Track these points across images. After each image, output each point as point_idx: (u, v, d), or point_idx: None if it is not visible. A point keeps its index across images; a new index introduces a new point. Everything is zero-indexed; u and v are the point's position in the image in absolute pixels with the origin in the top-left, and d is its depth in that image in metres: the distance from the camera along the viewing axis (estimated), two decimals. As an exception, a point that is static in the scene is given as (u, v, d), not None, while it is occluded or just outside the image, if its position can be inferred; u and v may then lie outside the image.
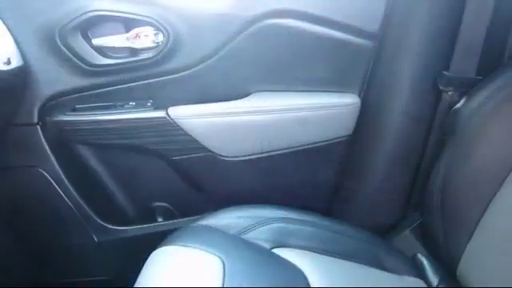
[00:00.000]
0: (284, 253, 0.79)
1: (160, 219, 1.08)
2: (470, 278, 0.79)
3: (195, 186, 1.06)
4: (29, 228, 1.03)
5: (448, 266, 0.84)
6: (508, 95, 0.80)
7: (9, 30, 0.88)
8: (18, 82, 0.90)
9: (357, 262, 0.82)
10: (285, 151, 1.01)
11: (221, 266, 0.71)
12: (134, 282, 0.72)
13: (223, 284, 0.67)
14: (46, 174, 0.99)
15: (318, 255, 0.81)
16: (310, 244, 0.83)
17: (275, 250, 0.80)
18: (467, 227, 0.80)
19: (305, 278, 0.74)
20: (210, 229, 0.83)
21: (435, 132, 0.94)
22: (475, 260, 0.79)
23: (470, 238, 0.79)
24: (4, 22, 0.88)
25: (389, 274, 0.83)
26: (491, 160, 0.79)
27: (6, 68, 0.84)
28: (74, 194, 1.01)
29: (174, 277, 0.69)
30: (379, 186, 1.01)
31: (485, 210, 0.78)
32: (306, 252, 0.81)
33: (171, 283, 0.68)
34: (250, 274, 0.72)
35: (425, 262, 0.87)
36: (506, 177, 0.76)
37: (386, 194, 1.01)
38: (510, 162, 0.76)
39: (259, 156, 1.01)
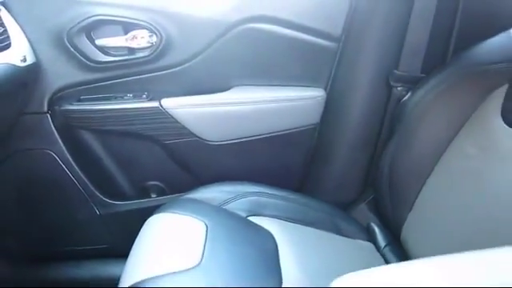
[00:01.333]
0: (257, 220, 0.95)
1: (153, 195, 1.23)
2: (410, 241, 0.96)
3: (184, 167, 1.20)
4: (40, 202, 1.17)
5: (394, 232, 1.01)
6: (444, 89, 0.96)
7: (24, 32, 1.02)
8: (31, 76, 1.04)
9: (318, 229, 0.99)
10: (261, 137, 1.15)
11: (204, 228, 0.87)
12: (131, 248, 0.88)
13: (205, 242, 0.83)
14: (55, 156, 1.13)
15: (286, 222, 0.97)
16: (280, 214, 0.99)
17: (250, 218, 0.96)
18: (408, 200, 0.97)
19: (274, 240, 0.90)
20: (196, 200, 0.98)
21: (387, 121, 1.09)
22: (414, 227, 0.96)
23: (410, 209, 0.96)
24: (20, 26, 1.02)
25: (344, 238, 1.00)
26: (428, 144, 0.95)
27: (22, 65, 0.98)
28: (79, 173, 1.15)
29: (165, 236, 0.85)
30: (342, 167, 1.16)
31: (422, 186, 0.96)
32: (276, 220, 0.97)
33: (163, 242, 0.84)
34: (228, 236, 0.88)
35: (376, 229, 1.04)
36: (440, 158, 0.94)
37: (347, 173, 1.17)
38: (443, 145, 0.93)
39: (239, 141, 1.15)
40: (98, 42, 1.07)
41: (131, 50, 1.08)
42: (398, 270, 0.48)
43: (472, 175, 0.87)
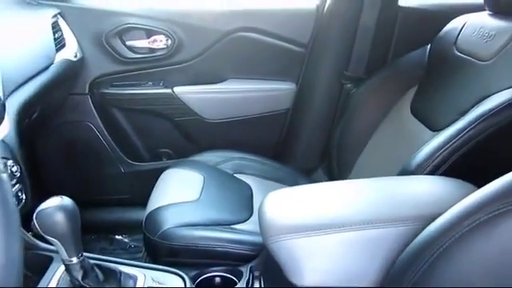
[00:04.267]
0: (240, 176, 1.33)
1: (164, 159, 1.61)
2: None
3: (188, 138, 1.57)
4: (80, 161, 1.55)
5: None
6: (378, 88, 1.33)
7: (74, 35, 1.39)
8: (79, 67, 1.42)
9: (284, 184, 1.37)
10: (246, 117, 1.53)
11: (203, 179, 1.24)
12: (147, 198, 1.23)
13: (203, 187, 1.21)
14: (93, 127, 1.51)
15: (260, 179, 1.34)
16: (256, 173, 1.36)
17: (235, 175, 1.33)
18: (349, 166, 1.34)
19: (251, 189, 1.27)
20: (197, 161, 1.36)
21: (339, 108, 1.47)
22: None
23: (350, 172, 1.34)
24: (71, 30, 1.39)
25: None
26: (364, 126, 1.32)
27: (74, 59, 1.36)
28: (110, 140, 1.54)
29: (176, 182, 1.24)
30: (306, 141, 1.54)
31: (359, 156, 1.34)
32: (254, 177, 1.34)
33: (175, 185, 1.22)
34: (218, 185, 1.25)
35: (326, 186, 1.42)
36: (371, 136, 1.31)
37: (310, 146, 1.54)
38: (374, 126, 1.30)
39: (230, 120, 1.53)
40: (128, 43, 1.44)
41: (152, 50, 1.46)
42: (318, 185, 0.86)
43: (389, 149, 1.25)
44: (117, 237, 1.61)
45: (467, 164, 0.90)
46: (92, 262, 0.84)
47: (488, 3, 1.10)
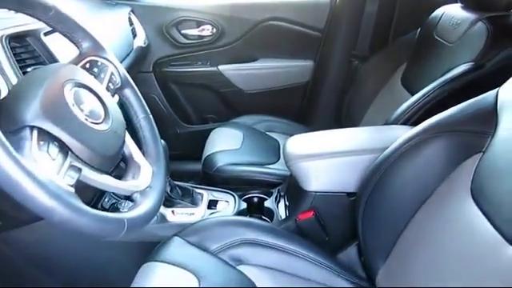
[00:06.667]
0: (270, 134, 1.73)
1: (210, 123, 2.03)
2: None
3: (229, 105, 1.99)
4: None
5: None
6: (377, 64, 1.70)
7: (143, 27, 1.80)
8: (146, 51, 1.84)
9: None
10: (275, 88, 1.93)
11: (242, 135, 1.65)
12: (198, 153, 1.66)
13: (243, 141, 1.62)
14: (156, 98, 1.94)
15: (285, 135, 1.74)
16: (282, 131, 1.76)
17: (267, 133, 1.74)
18: (357, 121, 1.72)
19: (278, 143, 1.69)
20: (237, 123, 1.77)
21: (348, 80, 1.84)
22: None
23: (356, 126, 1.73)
24: (141, 24, 1.80)
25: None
26: (367, 93, 1.70)
27: (144, 46, 1.77)
28: (169, 107, 1.96)
29: (223, 136, 1.66)
30: (322, 106, 1.92)
31: (363, 117, 1.72)
32: (281, 134, 1.75)
33: (223, 137, 1.64)
34: (254, 139, 1.67)
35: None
36: (373, 101, 1.69)
37: (325, 111, 1.93)
38: (375, 94, 1.68)
39: (262, 90, 1.93)
40: (182, 31, 1.85)
41: (201, 37, 1.87)
42: (322, 131, 1.26)
43: (384, 112, 1.61)
44: (175, 183, 2.05)
45: (430, 117, 1.27)
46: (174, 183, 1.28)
47: (458, -3, 1.45)
